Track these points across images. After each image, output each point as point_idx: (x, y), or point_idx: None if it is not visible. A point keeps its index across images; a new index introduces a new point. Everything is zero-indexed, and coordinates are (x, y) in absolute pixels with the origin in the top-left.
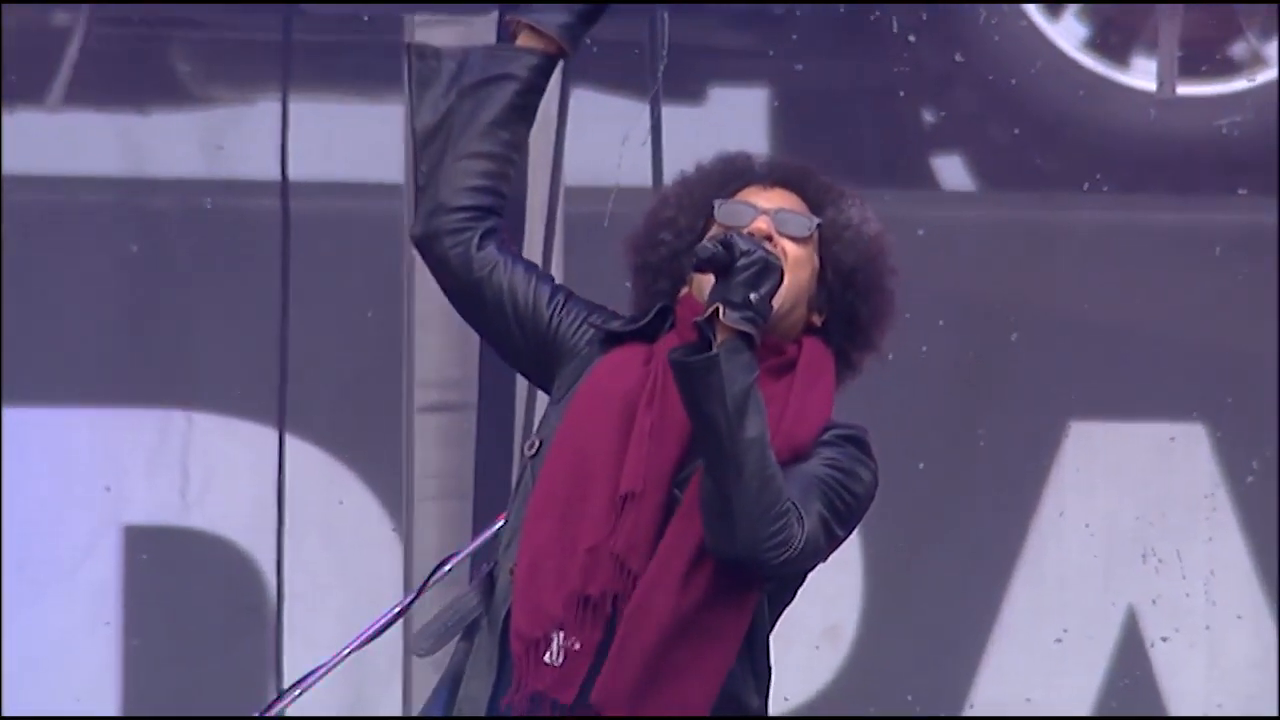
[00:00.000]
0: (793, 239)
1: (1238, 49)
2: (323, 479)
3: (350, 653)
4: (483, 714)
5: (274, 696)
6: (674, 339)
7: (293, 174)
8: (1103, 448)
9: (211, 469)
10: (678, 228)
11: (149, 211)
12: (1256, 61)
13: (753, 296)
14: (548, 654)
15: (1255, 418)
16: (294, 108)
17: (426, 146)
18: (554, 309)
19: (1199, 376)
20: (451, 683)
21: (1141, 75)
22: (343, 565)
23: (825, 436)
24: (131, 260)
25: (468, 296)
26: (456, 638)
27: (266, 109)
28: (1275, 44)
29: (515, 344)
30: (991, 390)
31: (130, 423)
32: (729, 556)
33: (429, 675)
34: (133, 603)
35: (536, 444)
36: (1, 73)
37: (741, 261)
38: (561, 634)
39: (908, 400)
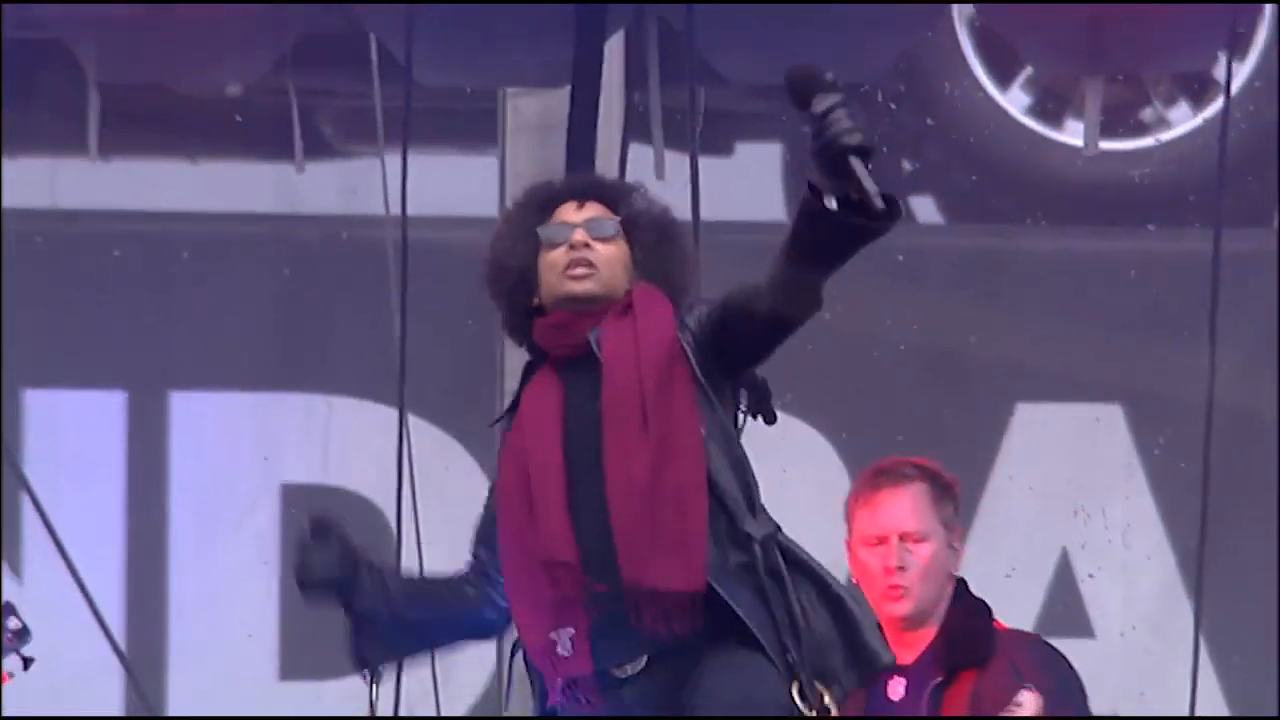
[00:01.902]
0: (604, 240)
1: (1147, 114)
2: (435, 448)
3: None
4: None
5: None
6: (541, 371)
7: (410, 211)
8: (1043, 425)
9: (347, 441)
10: (516, 253)
11: (298, 241)
12: (1162, 124)
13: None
14: (559, 648)
15: (1162, 402)
16: (412, 159)
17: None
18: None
19: (1118, 369)
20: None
21: (1072, 134)
22: (449, 517)
23: (682, 318)
24: (284, 280)
25: None
26: None
27: (391, 160)
28: (1178, 109)
29: None
30: (954, 380)
31: (283, 405)
32: (780, 329)
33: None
34: (287, 546)
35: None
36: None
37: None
38: (558, 630)
39: (889, 388)
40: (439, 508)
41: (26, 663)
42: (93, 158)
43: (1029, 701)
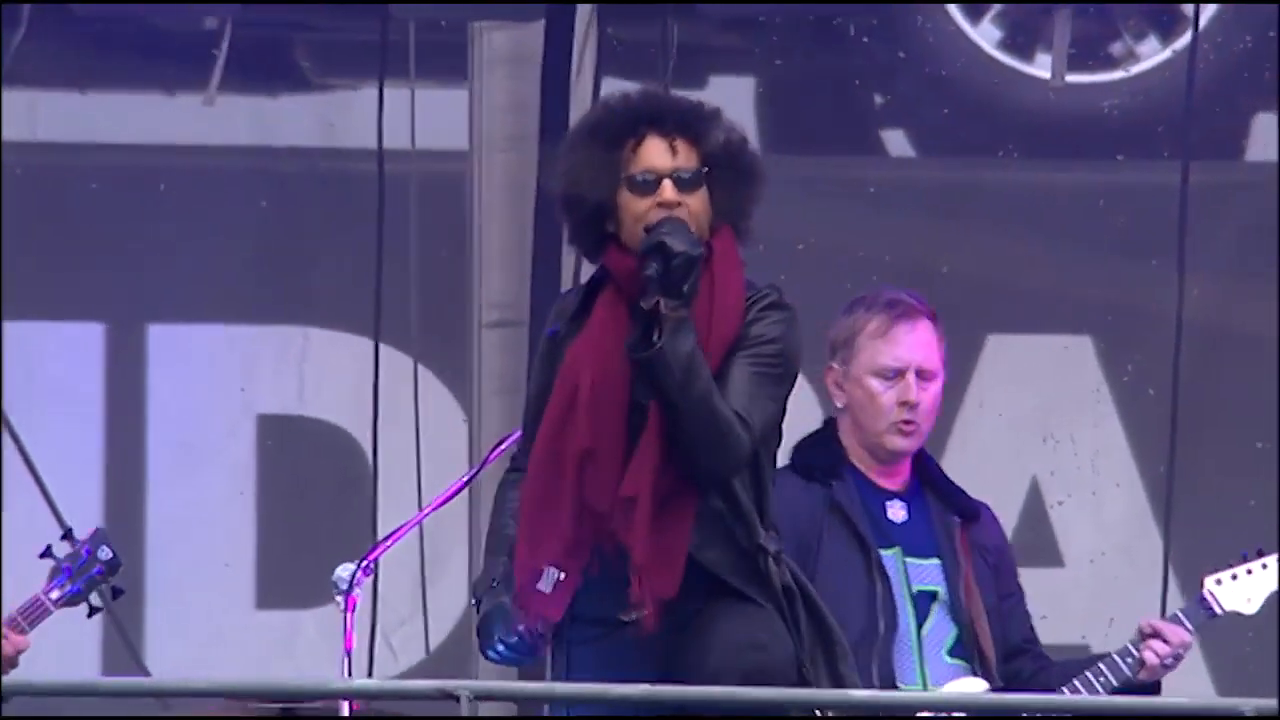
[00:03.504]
0: (691, 191)
1: (1117, 47)
2: (409, 379)
3: (430, 513)
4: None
5: (370, 546)
6: (606, 296)
7: (386, 144)
8: (1013, 354)
9: (323, 372)
10: (596, 184)
11: (276, 174)
12: (1131, 57)
13: (685, 288)
14: (541, 583)
15: (1130, 331)
16: (387, 93)
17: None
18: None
19: (1087, 299)
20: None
21: (1042, 68)
22: (423, 446)
23: (749, 315)
24: (262, 212)
25: None
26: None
27: (367, 94)
28: (1150, 42)
29: None
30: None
31: (260, 337)
32: (698, 478)
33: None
34: (263, 476)
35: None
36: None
37: (675, 262)
38: (551, 569)
39: None
40: (413, 438)
41: (116, 593)
42: (209, 100)
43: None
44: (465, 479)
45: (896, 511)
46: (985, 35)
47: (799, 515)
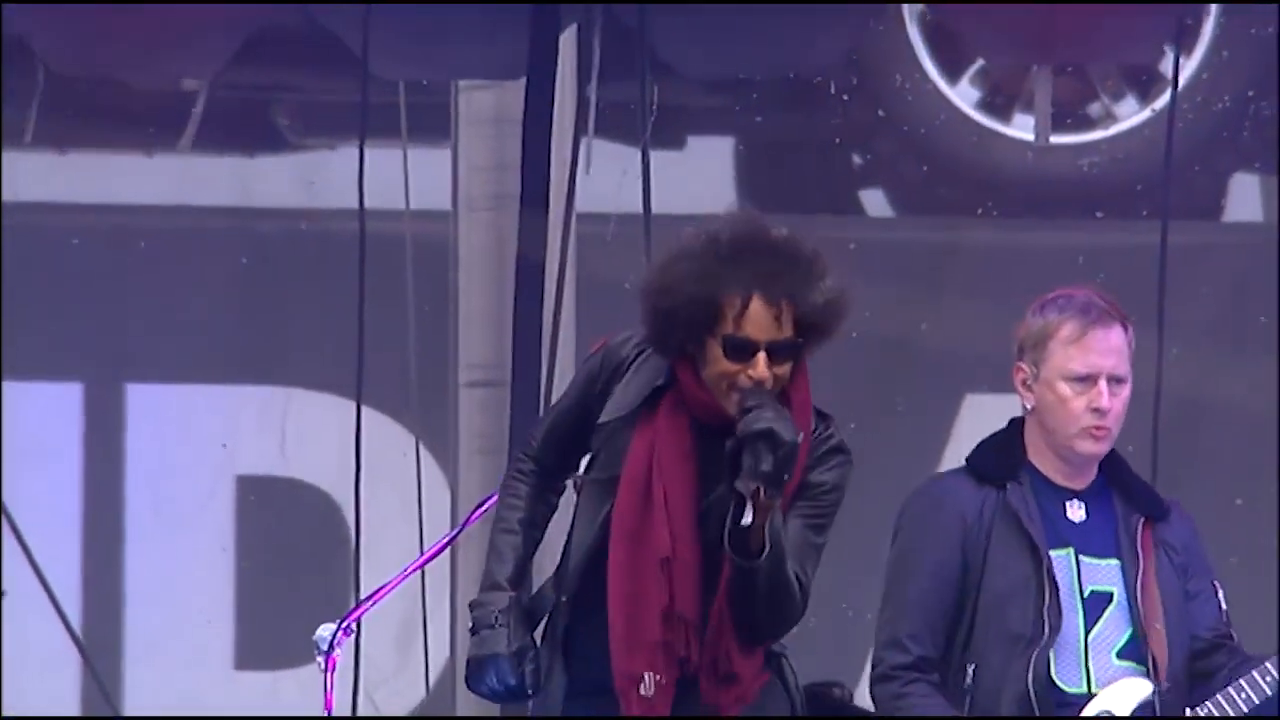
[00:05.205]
0: (783, 361)
1: (1094, 108)
2: (390, 439)
3: (411, 573)
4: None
5: (352, 606)
6: (670, 403)
7: (367, 203)
8: (990, 414)
9: (304, 431)
10: (694, 326)
11: (256, 233)
12: (1109, 117)
13: (786, 477)
14: (643, 688)
15: None
16: (368, 153)
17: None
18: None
19: None
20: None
21: (1020, 128)
22: (405, 506)
23: (812, 459)
24: (242, 271)
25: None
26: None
27: (347, 153)
28: (1125, 103)
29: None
30: (906, 368)
31: (241, 396)
32: (747, 633)
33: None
34: (244, 535)
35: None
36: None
37: (781, 451)
38: (649, 673)
39: (843, 375)
40: (396, 499)
41: None
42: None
43: None
44: (446, 539)
45: (1075, 511)
46: (964, 95)
47: (967, 516)
